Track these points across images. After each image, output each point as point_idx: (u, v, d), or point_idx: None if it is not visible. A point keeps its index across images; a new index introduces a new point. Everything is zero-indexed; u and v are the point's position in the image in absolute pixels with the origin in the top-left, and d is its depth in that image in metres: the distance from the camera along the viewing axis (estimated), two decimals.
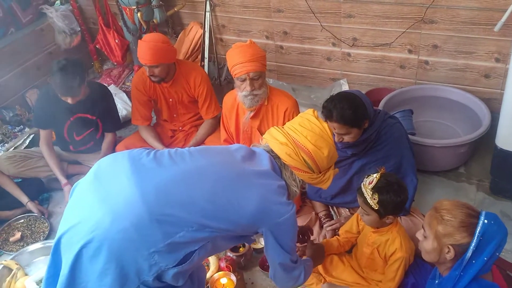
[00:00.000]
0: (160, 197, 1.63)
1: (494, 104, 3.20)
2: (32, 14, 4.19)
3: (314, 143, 1.81)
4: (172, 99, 3.25)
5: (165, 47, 3.00)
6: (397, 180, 2.14)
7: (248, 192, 1.72)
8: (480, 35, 3.10)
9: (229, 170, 1.76)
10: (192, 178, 1.71)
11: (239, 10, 3.87)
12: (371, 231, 2.25)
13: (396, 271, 2.17)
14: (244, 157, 1.82)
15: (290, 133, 1.85)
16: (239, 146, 1.91)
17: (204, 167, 1.75)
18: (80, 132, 3.24)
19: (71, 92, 2.88)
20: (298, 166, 1.82)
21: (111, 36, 4.23)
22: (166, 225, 1.61)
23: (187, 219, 1.63)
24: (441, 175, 3.09)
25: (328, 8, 3.49)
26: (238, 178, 1.75)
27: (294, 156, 1.80)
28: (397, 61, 3.49)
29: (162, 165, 1.72)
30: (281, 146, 1.83)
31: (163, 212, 1.61)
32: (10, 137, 3.76)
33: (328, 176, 1.89)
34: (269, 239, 1.79)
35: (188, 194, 1.66)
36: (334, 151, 1.86)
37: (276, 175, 1.81)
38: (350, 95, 2.37)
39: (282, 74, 4.04)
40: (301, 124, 1.87)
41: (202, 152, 1.84)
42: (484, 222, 1.58)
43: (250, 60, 2.57)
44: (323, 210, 2.72)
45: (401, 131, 2.53)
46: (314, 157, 1.80)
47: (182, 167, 1.73)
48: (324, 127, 1.85)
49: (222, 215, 1.68)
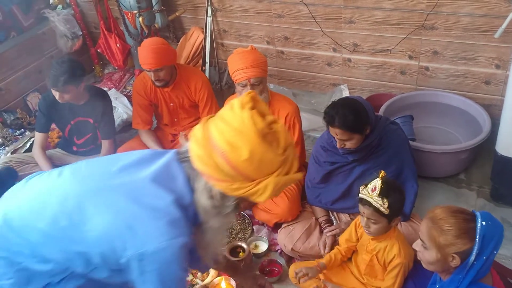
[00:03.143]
0: (1, 225, 1.46)
1: (495, 110, 3.20)
2: (33, 18, 4.20)
3: (229, 140, 1.28)
4: (173, 104, 3.25)
5: (166, 48, 3.01)
6: (392, 180, 2.17)
7: (99, 211, 1.38)
8: (481, 42, 3.11)
9: (86, 186, 1.44)
10: (38, 199, 1.47)
11: (240, 15, 3.88)
12: (369, 238, 2.23)
13: (396, 277, 2.16)
14: (129, 165, 1.46)
15: (210, 126, 1.35)
16: (142, 152, 1.54)
17: (56, 184, 1.49)
18: (81, 136, 3.25)
19: (58, 85, 2.84)
20: (209, 173, 1.33)
21: (112, 41, 4.24)
22: (9, 253, 1.45)
23: (25, 246, 1.43)
24: (442, 181, 3.09)
25: (329, 14, 3.50)
26: (93, 194, 1.41)
27: (205, 159, 1.32)
28: (398, 67, 3.49)
29: (28, 186, 1.54)
30: (194, 145, 1.36)
31: (2, 240, 1.45)
32: (11, 141, 3.76)
33: (264, 186, 1.32)
34: (133, 274, 1.40)
35: (26, 219, 1.44)
36: (263, 153, 1.28)
37: (164, 191, 1.38)
38: (352, 101, 2.37)
39: (282, 79, 4.04)
40: (223, 112, 1.36)
41: (80, 166, 1.54)
42: (482, 224, 1.58)
43: (251, 66, 2.58)
44: (323, 216, 2.70)
45: (402, 137, 2.54)
46: (231, 160, 1.28)
47: (39, 187, 1.52)
48: (245, 119, 1.28)
49: (63, 240, 1.40)
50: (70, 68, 2.84)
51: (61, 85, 2.85)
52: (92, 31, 4.65)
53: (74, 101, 3.04)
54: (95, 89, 3.26)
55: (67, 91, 2.90)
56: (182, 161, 1.43)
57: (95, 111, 3.14)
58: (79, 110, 3.09)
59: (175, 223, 1.36)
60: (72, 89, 2.91)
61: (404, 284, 2.19)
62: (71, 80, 2.86)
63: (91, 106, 3.11)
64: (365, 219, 2.12)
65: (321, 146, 2.62)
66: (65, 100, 2.95)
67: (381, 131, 2.45)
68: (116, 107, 3.95)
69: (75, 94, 2.97)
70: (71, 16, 4.35)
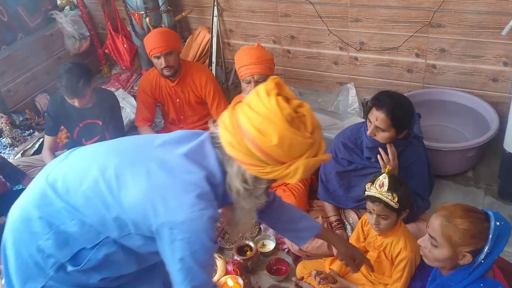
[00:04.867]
0: (45, 188, 1.55)
1: (502, 108, 3.18)
2: (40, 19, 4.23)
3: (257, 127, 1.34)
4: (179, 100, 3.27)
5: (173, 33, 3.12)
6: (396, 175, 2.19)
7: (135, 180, 1.46)
8: (488, 39, 3.09)
9: (125, 156, 1.53)
10: (79, 166, 1.56)
11: (246, 15, 3.89)
12: (376, 234, 2.24)
13: (402, 270, 2.16)
14: (167, 142, 1.54)
15: (238, 113, 1.40)
16: (182, 132, 1.62)
17: (97, 154, 1.58)
18: (89, 138, 3.27)
19: (76, 93, 2.88)
20: (242, 159, 1.39)
21: (119, 41, 4.26)
22: (48, 215, 1.52)
23: (65, 209, 1.50)
24: (449, 179, 3.08)
25: (336, 13, 3.50)
26: (131, 165, 1.49)
27: (236, 145, 1.38)
28: (405, 65, 3.48)
29: (71, 157, 1.63)
30: (224, 132, 1.42)
31: (44, 202, 1.53)
32: (20, 141, 3.80)
33: (295, 168, 1.37)
34: (163, 242, 1.46)
35: (68, 183, 1.53)
36: (292, 137, 1.34)
37: (196, 166, 1.45)
38: (408, 99, 2.33)
39: (289, 78, 4.05)
40: (249, 99, 1.41)
41: (122, 139, 1.68)
42: (496, 224, 1.59)
43: (255, 62, 2.59)
44: (334, 215, 2.66)
45: (422, 154, 2.48)
46: (261, 146, 1.35)
47: (81, 156, 1.61)
48: (272, 105, 1.33)
49: (99, 205, 1.47)
50: (80, 73, 2.86)
51: (80, 92, 2.88)
52: (99, 32, 4.68)
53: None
54: (103, 91, 3.28)
55: (84, 95, 2.93)
56: (215, 146, 1.49)
57: (104, 112, 3.16)
58: (88, 112, 3.11)
59: (205, 196, 1.44)
60: (87, 92, 2.95)
61: (411, 282, 2.19)
62: (86, 83, 2.89)
63: (100, 108, 3.13)
64: (375, 216, 2.12)
65: (342, 142, 2.53)
66: (83, 104, 2.98)
67: (407, 142, 2.40)
68: (123, 107, 3.97)
69: (90, 95, 3.01)
70: (79, 17, 4.38)
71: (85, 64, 3.04)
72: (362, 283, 2.33)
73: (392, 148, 2.34)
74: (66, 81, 2.84)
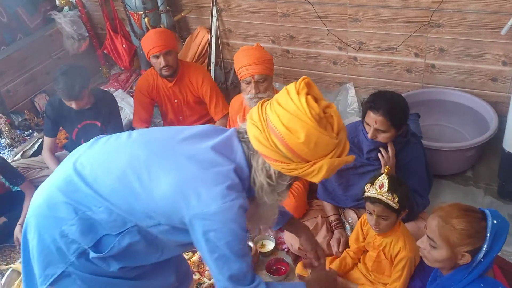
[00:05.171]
0: (72, 174, 1.58)
1: (502, 107, 3.18)
2: (39, 19, 4.23)
3: (286, 124, 1.40)
4: (177, 100, 3.27)
5: (170, 33, 3.16)
6: (395, 175, 2.19)
7: (165, 172, 1.48)
8: (487, 39, 3.09)
9: (154, 147, 1.56)
10: (108, 155, 1.60)
11: (245, 15, 3.89)
12: (375, 234, 2.24)
13: (402, 270, 2.17)
14: (193, 136, 1.57)
15: (267, 110, 1.47)
16: (207, 126, 1.66)
17: (126, 144, 1.61)
18: (88, 139, 3.24)
19: (73, 96, 2.87)
20: (268, 154, 1.45)
21: (118, 41, 4.26)
22: (74, 201, 1.54)
23: (93, 196, 1.52)
24: (449, 178, 3.08)
25: (334, 12, 3.50)
26: (161, 156, 1.52)
27: (263, 141, 1.43)
28: (404, 65, 3.48)
29: (98, 145, 1.67)
30: (251, 127, 1.48)
31: (71, 188, 1.56)
32: (19, 142, 3.80)
33: (319, 167, 1.43)
34: (196, 233, 1.49)
35: (96, 172, 1.55)
36: (319, 136, 1.40)
37: (225, 159, 1.49)
38: (399, 95, 2.36)
39: (288, 78, 4.04)
40: (278, 97, 1.46)
41: (149, 131, 1.70)
42: (493, 223, 1.59)
43: (255, 63, 2.59)
44: (334, 215, 2.66)
45: (420, 152, 2.49)
46: (288, 143, 1.40)
47: (109, 145, 1.64)
48: (302, 104, 1.39)
49: (128, 195, 1.50)
50: (77, 75, 2.86)
51: (77, 94, 2.87)
52: (98, 32, 4.68)
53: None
54: (101, 91, 3.27)
55: (82, 97, 2.93)
56: (241, 141, 1.54)
57: (102, 113, 3.15)
58: (86, 113, 3.10)
59: (235, 187, 1.48)
60: (85, 93, 2.94)
61: (411, 281, 2.19)
62: (83, 85, 2.89)
63: (98, 109, 3.13)
64: (375, 217, 2.12)
65: None
66: (81, 106, 2.97)
67: (405, 140, 2.41)
68: (122, 108, 3.97)
69: (88, 97, 3.00)
70: (78, 17, 4.38)
71: (82, 66, 3.03)
72: (361, 283, 2.33)
73: (392, 146, 2.35)
74: (63, 84, 2.84)
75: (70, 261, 1.58)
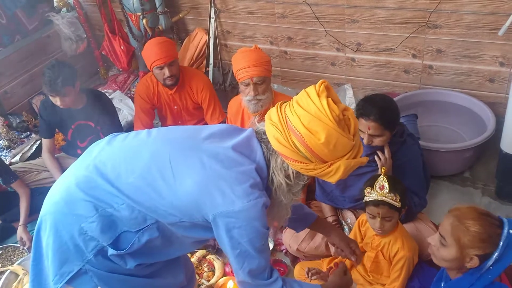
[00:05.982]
0: (92, 172, 1.58)
1: (499, 108, 3.19)
2: (37, 21, 4.22)
3: (307, 125, 1.44)
4: (177, 106, 3.26)
5: (171, 42, 3.12)
6: (391, 175, 2.20)
7: (189, 170, 1.51)
8: (484, 40, 3.10)
9: (176, 146, 1.58)
10: (130, 152, 1.60)
11: (243, 16, 3.89)
12: (373, 234, 2.24)
13: (400, 270, 2.17)
14: (214, 135, 1.60)
15: (286, 111, 1.50)
16: (225, 125, 1.69)
17: (147, 142, 1.62)
18: (83, 139, 3.25)
19: (56, 90, 2.84)
20: (287, 154, 1.49)
21: (116, 43, 4.26)
22: (94, 199, 1.55)
23: (114, 194, 1.54)
24: (446, 179, 3.09)
25: (332, 14, 3.51)
26: (184, 155, 1.54)
27: (282, 141, 1.47)
28: (402, 66, 3.49)
29: (117, 142, 1.67)
30: (271, 128, 1.51)
31: (91, 185, 1.56)
32: (17, 143, 3.79)
33: (336, 168, 1.47)
34: (220, 230, 1.52)
35: (118, 169, 1.56)
36: (338, 137, 1.44)
37: (246, 159, 1.53)
38: (388, 97, 2.37)
39: (286, 80, 4.05)
40: (298, 99, 1.51)
41: (168, 129, 1.71)
42: (509, 232, 1.57)
43: (254, 65, 2.59)
44: (332, 216, 2.66)
45: (417, 153, 2.49)
46: (308, 144, 1.44)
47: (129, 143, 1.65)
48: (323, 106, 1.43)
49: (152, 192, 1.51)
50: (62, 70, 2.84)
51: (59, 89, 2.84)
52: (96, 34, 4.67)
53: (73, 105, 3.02)
54: (94, 92, 3.24)
55: (66, 93, 2.89)
56: (260, 141, 1.57)
57: (94, 114, 3.12)
58: (78, 114, 3.08)
59: (257, 186, 1.51)
60: (70, 91, 2.90)
61: (410, 282, 2.19)
62: (67, 81, 2.85)
63: (90, 109, 3.10)
64: (379, 219, 2.12)
65: None
66: (67, 104, 2.94)
67: (401, 141, 2.42)
68: (120, 109, 3.97)
69: (74, 96, 2.96)
70: (75, 19, 4.38)
71: (70, 64, 3.00)
72: (360, 283, 2.33)
73: (388, 148, 2.36)
74: (47, 77, 2.83)
75: (88, 259, 1.58)
